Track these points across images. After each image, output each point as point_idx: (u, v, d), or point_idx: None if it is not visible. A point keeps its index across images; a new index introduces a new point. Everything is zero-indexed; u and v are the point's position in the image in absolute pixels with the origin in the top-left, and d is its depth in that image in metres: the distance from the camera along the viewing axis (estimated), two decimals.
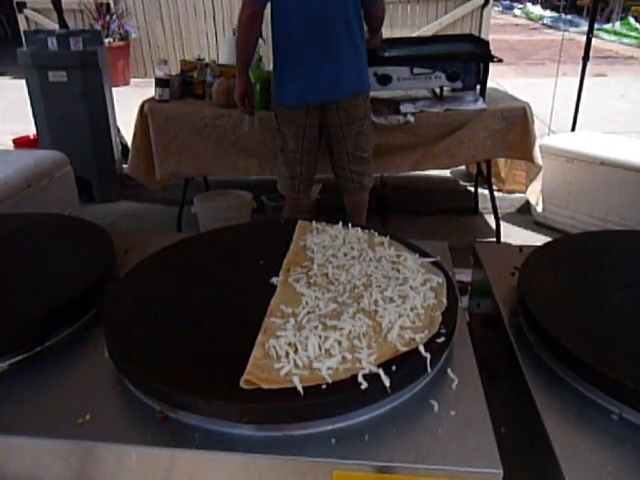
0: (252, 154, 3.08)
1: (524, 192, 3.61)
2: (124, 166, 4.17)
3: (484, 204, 3.70)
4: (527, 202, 3.55)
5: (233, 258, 1.03)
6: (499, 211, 3.36)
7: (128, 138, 3.86)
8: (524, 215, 3.66)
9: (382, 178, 3.92)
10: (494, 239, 3.35)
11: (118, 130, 4.37)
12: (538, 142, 3.07)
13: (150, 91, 3.35)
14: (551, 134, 4.11)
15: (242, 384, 0.66)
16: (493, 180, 3.72)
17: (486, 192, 3.47)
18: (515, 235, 3.46)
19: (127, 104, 4.42)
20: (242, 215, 3.35)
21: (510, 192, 3.87)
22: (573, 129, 3.94)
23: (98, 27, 7.45)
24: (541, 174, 3.16)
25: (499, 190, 3.85)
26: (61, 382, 0.76)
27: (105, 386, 0.75)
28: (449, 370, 0.75)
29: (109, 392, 0.74)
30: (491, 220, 3.45)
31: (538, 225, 3.53)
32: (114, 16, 7.94)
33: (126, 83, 8.05)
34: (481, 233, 3.48)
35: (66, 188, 3.23)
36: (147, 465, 0.67)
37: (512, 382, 0.84)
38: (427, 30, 7.60)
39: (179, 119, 3.08)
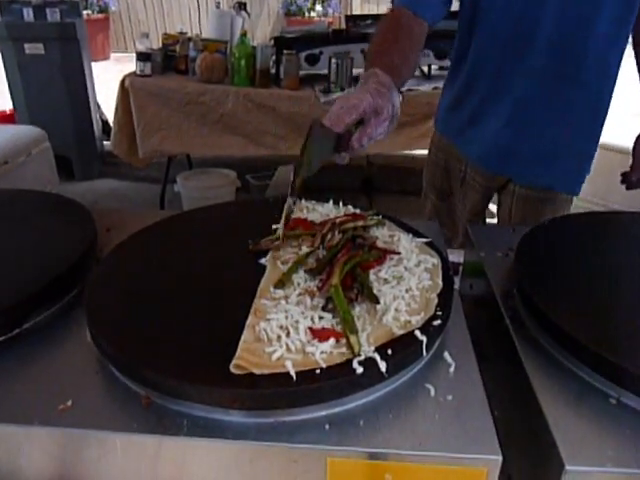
0: (236, 131, 3.03)
1: None
2: (105, 143, 4.08)
3: None
4: None
5: (221, 237, 0.99)
6: None
7: (109, 114, 3.77)
8: None
9: (368, 158, 3.89)
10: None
11: (98, 106, 4.26)
12: None
13: (131, 66, 3.26)
14: None
15: (232, 369, 0.64)
16: None
17: None
18: None
19: (107, 79, 4.30)
20: (226, 194, 3.30)
21: None
22: None
23: None
24: None
25: None
26: (41, 366, 0.72)
27: (88, 370, 0.72)
28: (446, 353, 0.73)
29: (92, 377, 0.71)
30: None
31: None
32: None
33: (106, 58, 7.86)
34: None
35: (45, 165, 3.14)
36: (132, 453, 0.64)
37: (506, 365, 0.82)
38: None
39: (161, 95, 3.00)
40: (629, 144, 2.47)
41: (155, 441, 0.63)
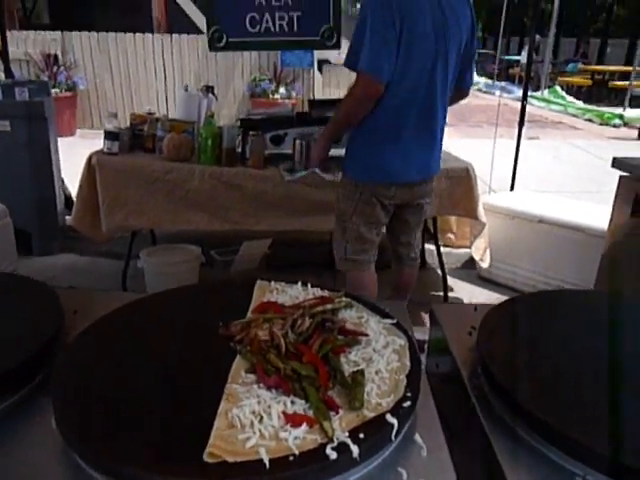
0: (202, 208, 3.06)
1: (470, 248, 3.72)
2: (67, 218, 4.04)
3: (431, 259, 3.79)
4: (472, 257, 3.66)
5: (190, 321, 1.00)
6: (445, 266, 3.44)
7: (72, 189, 3.76)
8: (469, 269, 3.77)
9: (331, 233, 3.96)
10: (442, 293, 3.41)
11: (62, 181, 4.25)
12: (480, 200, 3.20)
13: (96, 142, 3.30)
14: (492, 192, 4.30)
15: (206, 457, 0.63)
16: (446, 236, 3.82)
17: (432, 247, 3.56)
18: (461, 290, 3.54)
19: (72, 154, 4.33)
20: (190, 270, 3.29)
21: (460, 247, 3.98)
22: (512, 188, 4.15)
23: (45, 78, 7.36)
24: (487, 231, 3.28)
25: (449, 246, 3.96)
26: (1, 459, 0.70)
27: (52, 462, 0.69)
28: (417, 435, 0.74)
29: (56, 469, 0.68)
30: (438, 274, 3.53)
31: (483, 280, 3.63)
32: (62, 68, 7.89)
33: (72, 133, 7.92)
34: (429, 287, 3.55)
35: (4, 241, 3.09)
36: None
37: (475, 443, 0.83)
38: None
39: (128, 172, 3.04)
40: (571, 219, 2.54)
41: None
